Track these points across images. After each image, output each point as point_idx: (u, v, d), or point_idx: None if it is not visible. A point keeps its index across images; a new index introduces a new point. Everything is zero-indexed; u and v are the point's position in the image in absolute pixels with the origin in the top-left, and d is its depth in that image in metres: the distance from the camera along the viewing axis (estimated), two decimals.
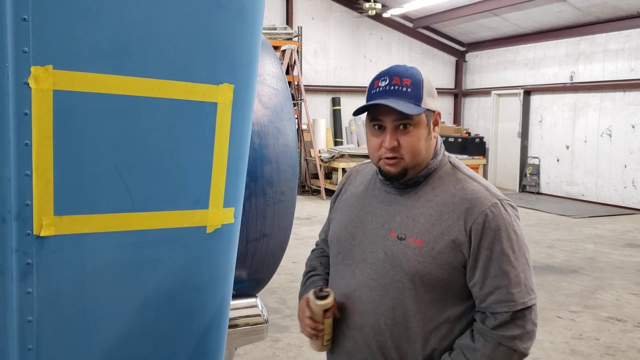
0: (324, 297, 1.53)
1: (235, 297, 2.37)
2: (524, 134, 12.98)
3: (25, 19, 1.43)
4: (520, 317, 1.46)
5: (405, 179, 1.55)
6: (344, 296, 1.57)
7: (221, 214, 1.79)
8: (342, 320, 1.58)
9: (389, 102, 1.49)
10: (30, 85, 1.45)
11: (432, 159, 1.58)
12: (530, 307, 1.48)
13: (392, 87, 1.51)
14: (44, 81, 1.46)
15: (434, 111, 1.58)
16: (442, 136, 14.22)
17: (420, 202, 1.54)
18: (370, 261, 1.54)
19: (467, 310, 1.53)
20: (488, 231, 1.46)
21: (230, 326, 2.23)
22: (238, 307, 2.51)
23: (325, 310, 1.54)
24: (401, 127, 1.51)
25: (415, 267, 1.48)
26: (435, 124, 1.59)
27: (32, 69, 1.45)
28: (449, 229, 1.47)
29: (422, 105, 1.53)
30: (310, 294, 1.55)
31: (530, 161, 12.92)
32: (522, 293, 1.46)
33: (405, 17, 13.87)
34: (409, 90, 1.51)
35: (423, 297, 1.50)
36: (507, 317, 1.45)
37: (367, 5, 12.21)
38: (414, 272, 1.48)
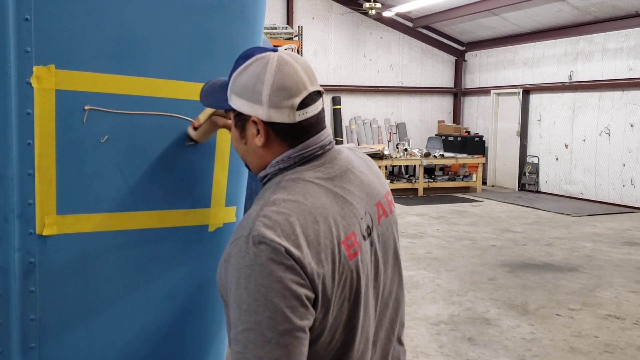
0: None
1: None
2: (523, 133, 12.99)
3: (27, 18, 1.43)
4: None
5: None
6: None
7: (223, 212, 1.80)
8: None
9: (206, 90, 1.43)
10: (32, 84, 1.46)
11: (262, 169, 1.33)
12: None
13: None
14: (46, 81, 1.47)
15: (246, 116, 1.28)
16: (442, 135, 14.32)
17: None
18: None
19: None
20: (229, 267, 1.18)
21: None
22: None
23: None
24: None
25: (218, 285, 1.29)
26: (258, 132, 1.27)
27: (35, 68, 1.45)
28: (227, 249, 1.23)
29: (229, 103, 1.30)
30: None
31: (529, 160, 12.93)
32: (240, 357, 1.13)
33: (405, 16, 13.88)
34: (228, 80, 1.32)
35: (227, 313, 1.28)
36: None
37: (367, 4, 12.22)
38: (219, 289, 1.29)
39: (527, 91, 12.88)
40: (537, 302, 5.42)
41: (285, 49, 11.36)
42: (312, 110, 1.28)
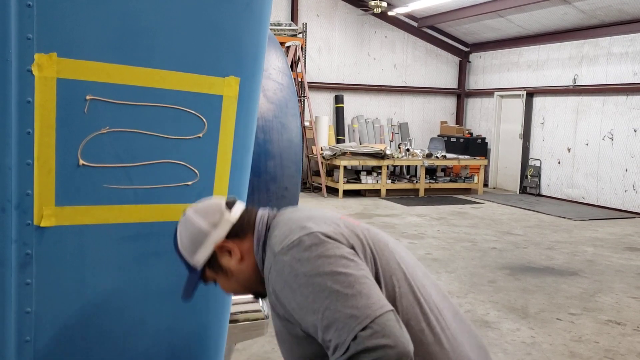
0: None
1: None
2: (526, 136, 12.96)
3: (30, 5, 1.40)
4: (356, 353, 1.20)
5: (263, 296, 1.53)
6: None
7: None
8: None
9: (184, 292, 1.55)
10: (33, 72, 1.43)
11: (256, 270, 1.48)
12: (359, 336, 1.21)
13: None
14: (48, 69, 1.44)
15: (212, 254, 1.48)
16: (444, 136, 14.27)
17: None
18: None
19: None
20: (281, 294, 1.32)
21: (231, 321, 2.21)
22: (239, 302, 2.49)
23: None
24: (214, 281, 1.56)
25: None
26: (230, 251, 1.47)
27: (36, 56, 1.42)
28: (273, 306, 1.41)
29: (198, 267, 1.50)
30: None
31: (531, 163, 12.90)
32: (340, 332, 1.22)
33: (410, 16, 13.84)
34: (185, 265, 1.53)
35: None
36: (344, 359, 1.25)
37: (372, 3, 12.18)
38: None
39: (531, 94, 12.84)
40: (538, 305, 5.39)
41: (289, 46, 11.33)
42: (239, 204, 1.53)
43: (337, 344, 1.21)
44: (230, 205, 1.51)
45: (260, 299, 2.43)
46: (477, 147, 13.59)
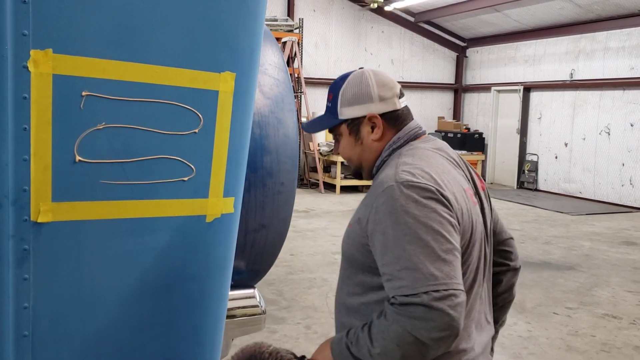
0: None
1: (233, 287, 2.35)
2: (523, 131, 12.98)
3: (25, 1, 1.40)
4: (418, 303, 1.31)
5: (363, 178, 1.70)
6: None
7: (221, 203, 1.77)
8: None
9: (307, 123, 1.73)
10: (29, 68, 1.43)
11: (378, 157, 1.62)
12: (430, 293, 1.31)
13: (326, 104, 1.69)
14: (44, 65, 1.44)
15: (362, 117, 1.60)
16: (441, 132, 14.28)
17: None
18: None
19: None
20: (381, 215, 1.40)
21: (228, 317, 2.22)
22: (236, 297, 2.50)
23: None
24: (337, 137, 1.69)
25: (344, 247, 1.59)
26: (374, 126, 1.60)
27: (32, 52, 1.42)
28: (363, 213, 1.49)
29: (340, 117, 1.62)
30: None
31: (528, 158, 12.92)
32: (416, 279, 1.31)
33: (407, 11, 13.84)
34: (330, 105, 1.65)
35: (349, 273, 1.58)
36: (403, 300, 1.33)
37: None
38: (343, 251, 1.59)
39: (528, 89, 12.85)
40: (534, 300, 5.42)
41: (285, 42, 11.32)
42: (405, 100, 1.65)
43: (405, 286, 1.32)
44: (400, 95, 1.64)
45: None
46: (474, 142, 13.61)
